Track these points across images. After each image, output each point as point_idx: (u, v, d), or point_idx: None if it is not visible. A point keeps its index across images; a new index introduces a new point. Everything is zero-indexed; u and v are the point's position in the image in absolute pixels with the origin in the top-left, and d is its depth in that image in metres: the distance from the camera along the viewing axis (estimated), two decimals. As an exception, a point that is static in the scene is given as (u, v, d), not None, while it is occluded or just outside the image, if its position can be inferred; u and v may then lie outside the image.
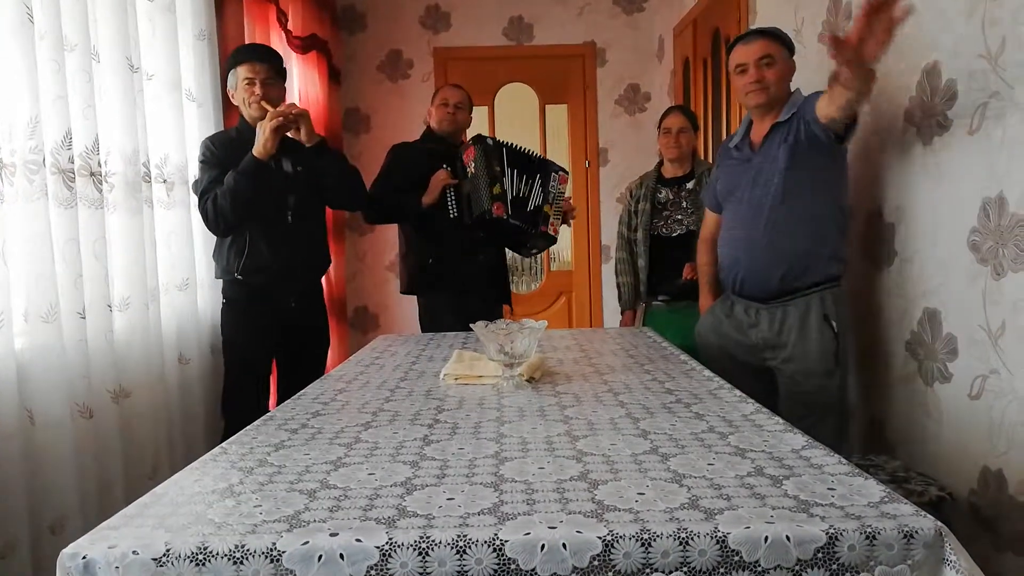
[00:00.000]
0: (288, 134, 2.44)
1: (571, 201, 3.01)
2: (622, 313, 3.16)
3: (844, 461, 0.99)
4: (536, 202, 2.85)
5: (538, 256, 5.04)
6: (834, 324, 2.06)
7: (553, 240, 2.93)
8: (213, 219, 2.31)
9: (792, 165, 2.07)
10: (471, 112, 3.05)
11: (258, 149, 2.32)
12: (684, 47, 4.22)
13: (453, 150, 2.87)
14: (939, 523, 0.78)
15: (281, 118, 2.33)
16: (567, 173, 2.96)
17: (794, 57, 2.21)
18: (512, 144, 2.89)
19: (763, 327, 2.15)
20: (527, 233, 2.85)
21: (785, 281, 2.10)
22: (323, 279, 2.78)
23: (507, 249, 3.11)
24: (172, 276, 2.41)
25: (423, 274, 2.90)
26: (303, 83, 3.79)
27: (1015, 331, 1.66)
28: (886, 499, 0.85)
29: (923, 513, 0.81)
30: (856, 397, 2.40)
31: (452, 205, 2.80)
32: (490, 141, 2.83)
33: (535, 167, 2.88)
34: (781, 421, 1.20)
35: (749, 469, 0.97)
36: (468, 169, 2.79)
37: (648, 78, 4.87)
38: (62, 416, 1.74)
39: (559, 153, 4.94)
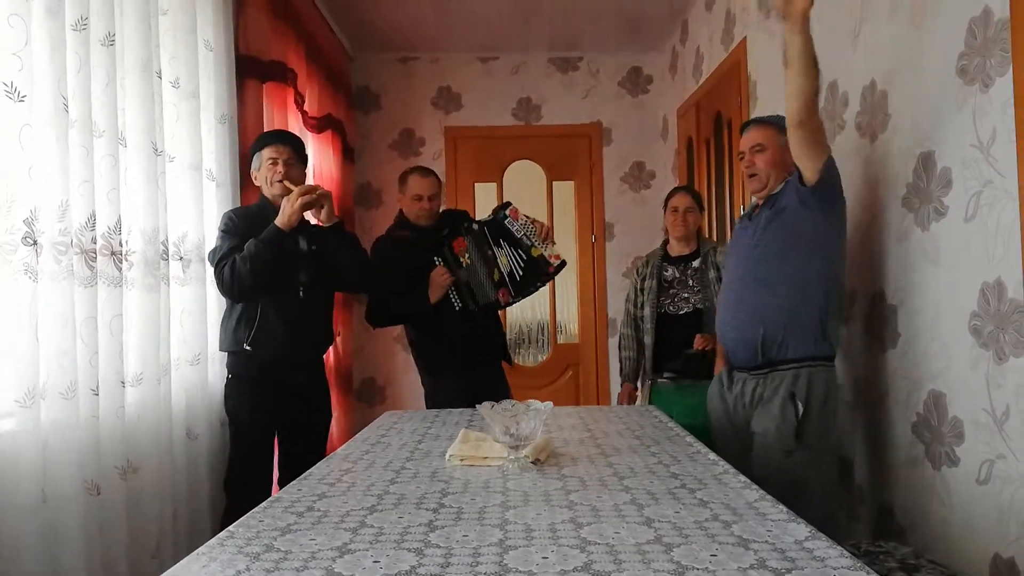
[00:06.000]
0: (308, 213, 2.53)
1: (536, 220, 2.91)
2: (622, 385, 3.19)
3: (847, 554, 0.99)
4: (521, 260, 2.86)
5: (544, 326, 5.10)
6: (799, 404, 2.03)
7: (564, 264, 2.93)
8: (229, 282, 2.36)
9: (772, 223, 2.13)
10: (443, 191, 3.09)
11: (282, 220, 2.39)
12: (687, 128, 4.35)
13: (437, 234, 2.89)
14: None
15: (310, 196, 2.42)
16: (511, 204, 2.93)
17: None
18: (488, 218, 2.93)
19: (746, 397, 2.17)
20: (536, 287, 2.91)
21: (766, 347, 2.09)
22: (324, 356, 2.81)
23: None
24: (184, 351, 2.44)
25: (432, 357, 2.95)
26: (318, 160, 3.92)
27: (1020, 416, 1.67)
28: (888, 595, 0.85)
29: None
30: (864, 481, 2.38)
31: (454, 298, 2.83)
32: (475, 226, 2.88)
33: (501, 230, 2.88)
34: (785, 510, 1.20)
35: (752, 561, 0.97)
36: (462, 259, 2.83)
37: (653, 157, 5.00)
38: (74, 493, 1.75)
39: (566, 228, 5.04)
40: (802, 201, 2.06)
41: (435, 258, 2.83)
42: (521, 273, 2.86)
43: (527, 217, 2.90)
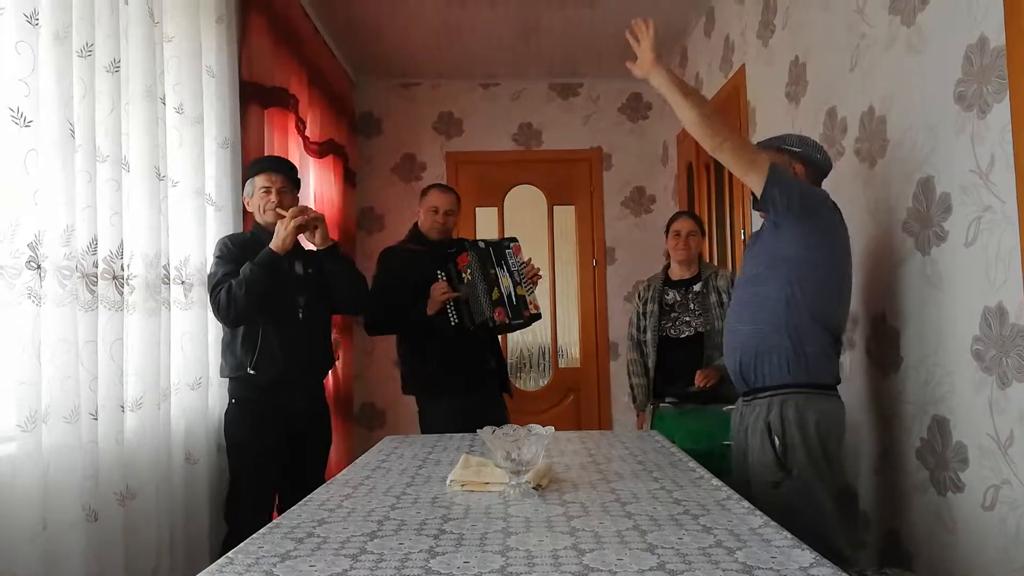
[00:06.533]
0: (303, 236, 2.54)
1: (531, 263, 2.96)
2: (637, 415, 3.16)
3: (853, 581, 0.98)
4: (510, 290, 2.87)
5: (545, 351, 5.10)
6: (775, 437, 1.95)
7: (539, 317, 2.94)
8: (224, 307, 2.37)
9: (753, 247, 2.14)
10: (459, 211, 3.11)
11: (276, 244, 2.41)
12: (687, 153, 4.37)
13: (444, 250, 2.93)
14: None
15: (302, 218, 2.44)
16: (517, 240, 2.98)
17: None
18: (494, 240, 2.98)
19: (741, 424, 2.14)
20: (517, 325, 2.91)
21: (745, 374, 2.05)
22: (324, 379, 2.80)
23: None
24: (185, 375, 2.44)
25: (430, 378, 2.93)
26: (319, 185, 3.93)
27: (1024, 441, 1.66)
28: (896, 624, 0.84)
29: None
30: (870, 507, 2.36)
31: (452, 314, 2.84)
32: (481, 244, 2.92)
33: (502, 256, 2.91)
34: (789, 536, 1.19)
35: (757, 589, 0.96)
36: (464, 275, 2.84)
37: (653, 181, 5.03)
38: (74, 519, 1.73)
39: (567, 252, 5.05)
40: (774, 222, 2.04)
41: (438, 272, 2.86)
42: (514, 302, 2.88)
43: (526, 259, 2.95)
